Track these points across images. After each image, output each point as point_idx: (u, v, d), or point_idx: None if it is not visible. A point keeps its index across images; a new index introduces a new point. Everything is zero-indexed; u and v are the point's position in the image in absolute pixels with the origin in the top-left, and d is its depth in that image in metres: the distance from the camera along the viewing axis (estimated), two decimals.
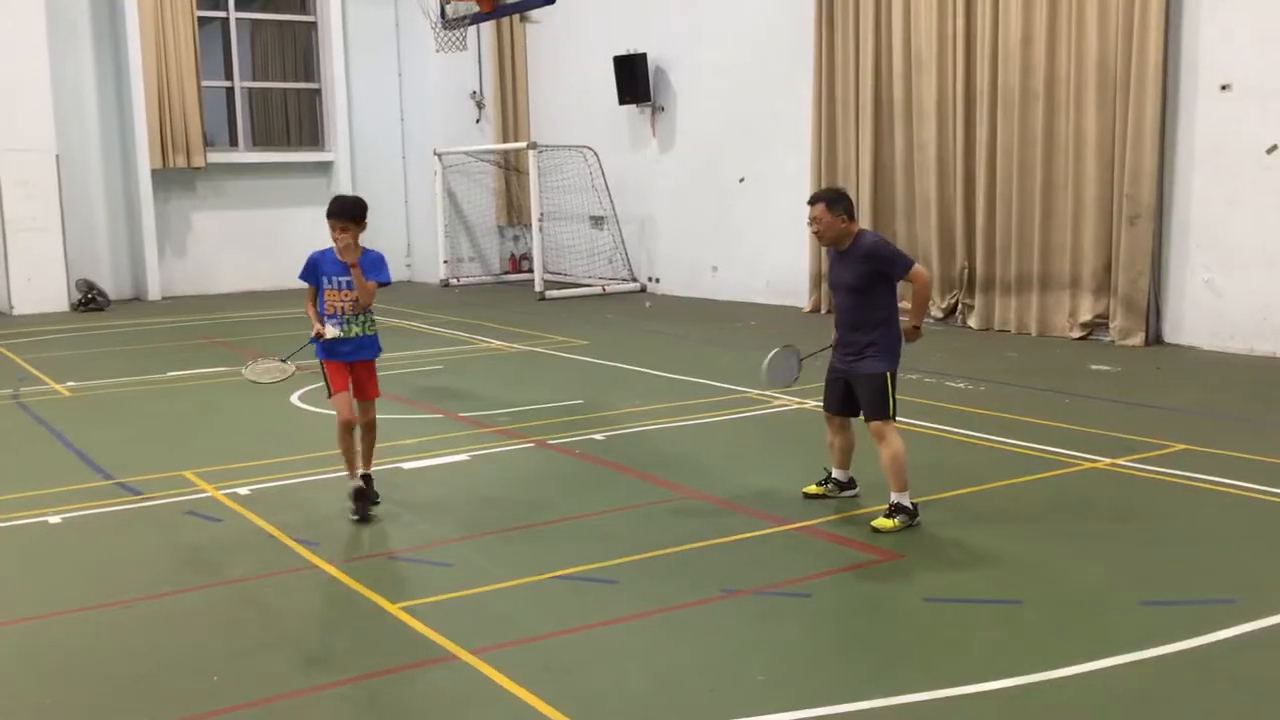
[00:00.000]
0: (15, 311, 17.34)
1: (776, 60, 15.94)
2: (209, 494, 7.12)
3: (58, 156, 17.63)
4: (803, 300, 15.62)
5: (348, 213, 6.39)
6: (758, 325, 14.45)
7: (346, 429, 6.53)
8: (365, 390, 6.63)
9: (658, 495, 7.05)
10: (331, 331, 6.45)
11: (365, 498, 6.52)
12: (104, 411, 9.98)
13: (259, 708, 4.28)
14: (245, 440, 8.73)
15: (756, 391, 9.90)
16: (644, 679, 4.47)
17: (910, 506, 6.12)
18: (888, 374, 6.13)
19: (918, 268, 6.22)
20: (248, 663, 4.69)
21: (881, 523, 6.07)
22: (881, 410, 6.14)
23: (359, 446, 6.67)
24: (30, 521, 6.64)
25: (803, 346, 6.86)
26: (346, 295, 6.44)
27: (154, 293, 18.95)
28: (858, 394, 6.22)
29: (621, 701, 4.29)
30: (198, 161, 18.99)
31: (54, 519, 6.67)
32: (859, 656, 4.72)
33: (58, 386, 11.04)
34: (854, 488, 6.66)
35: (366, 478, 6.69)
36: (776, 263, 16.16)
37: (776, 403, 9.47)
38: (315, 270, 6.55)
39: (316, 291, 6.56)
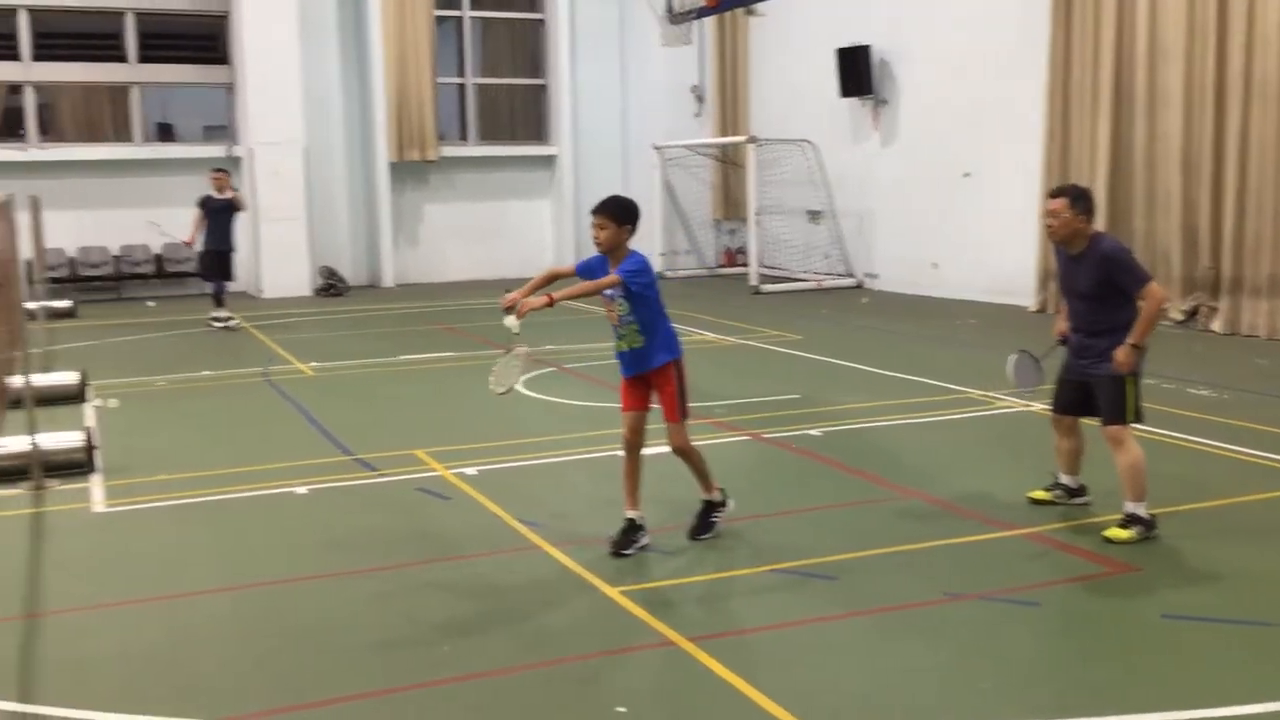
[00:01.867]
0: (264, 295, 18.55)
1: (1007, 49, 15.39)
2: (439, 473, 7.44)
3: (305, 150, 18.75)
4: (1028, 300, 15.05)
5: (604, 207, 5.79)
6: (980, 324, 14.01)
7: (625, 449, 5.92)
8: (663, 411, 5.89)
9: (876, 493, 6.95)
10: (617, 345, 5.94)
11: (630, 537, 5.83)
12: (343, 391, 10.57)
13: (484, 680, 4.46)
14: (472, 423, 9.07)
15: (978, 391, 9.62)
16: (864, 678, 4.43)
17: (1147, 518, 5.82)
18: (1128, 378, 5.83)
19: (1154, 285, 5.77)
20: (474, 636, 4.88)
21: (1115, 533, 5.79)
22: (1119, 414, 5.85)
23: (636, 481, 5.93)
24: (280, 491, 7.10)
25: (1031, 348, 6.62)
26: (611, 307, 5.86)
27: (388, 280, 19.91)
28: (1097, 396, 5.93)
29: (841, 699, 4.26)
30: (430, 155, 19.82)
31: (301, 490, 7.11)
32: (1090, 671, 4.53)
33: (302, 366, 11.76)
34: (1084, 495, 6.38)
35: (708, 504, 6.05)
36: (1002, 260, 15.62)
37: (999, 404, 9.18)
38: (589, 276, 5.91)
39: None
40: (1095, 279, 5.81)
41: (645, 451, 5.94)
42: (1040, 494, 6.45)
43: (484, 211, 20.84)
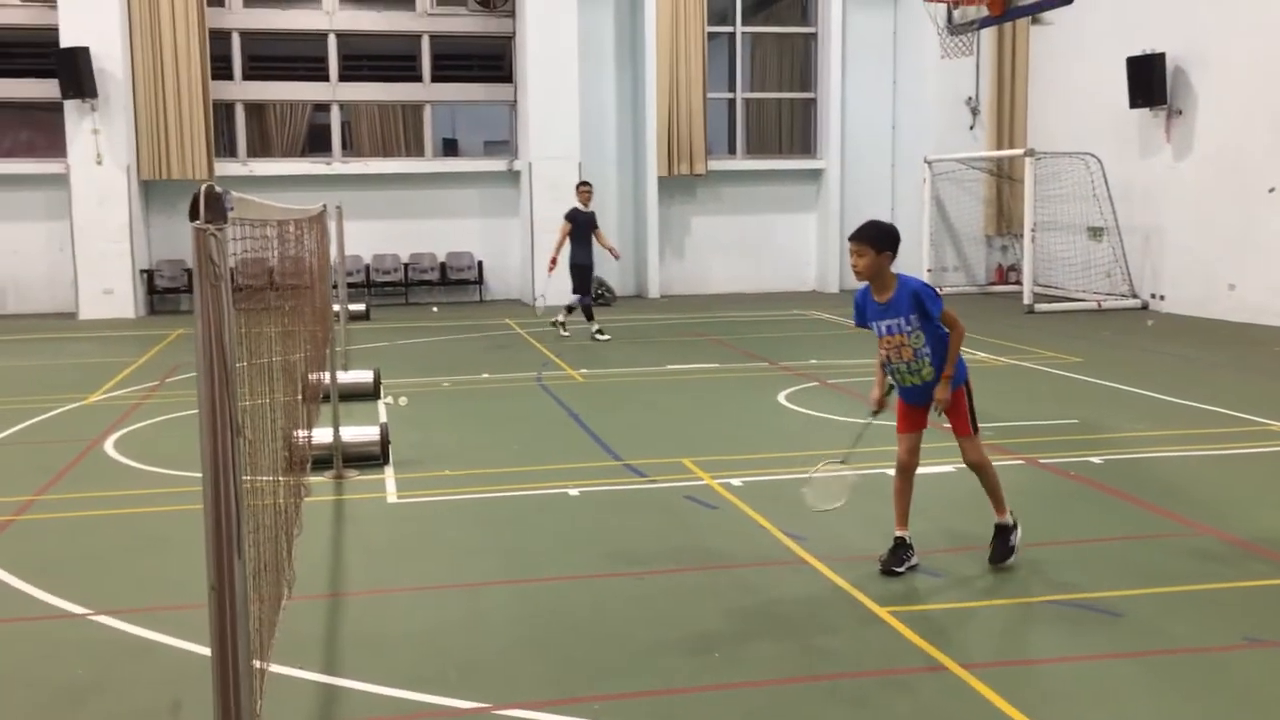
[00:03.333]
0: (538, 304, 19.34)
1: None
2: (705, 482, 7.55)
3: (580, 164, 19.44)
4: None
5: (861, 234, 5.53)
6: None
7: (898, 472, 5.80)
8: (953, 428, 5.75)
9: (1164, 527, 6.55)
10: (894, 382, 5.73)
11: (900, 555, 5.72)
12: (612, 398, 10.88)
13: (753, 689, 4.49)
14: (737, 434, 9.15)
15: (1277, 423, 8.90)
16: None
17: None
18: None
19: None
20: (744, 645, 4.93)
21: None
22: None
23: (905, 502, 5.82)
24: (553, 492, 7.39)
25: None
26: (890, 342, 5.58)
27: (654, 291, 20.36)
28: None
29: None
30: (699, 169, 20.15)
31: (573, 491, 7.38)
32: None
33: (573, 372, 12.19)
34: None
35: (1001, 529, 5.82)
36: None
37: None
38: (862, 314, 5.71)
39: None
40: None
41: (918, 471, 5.84)
42: None
43: (750, 225, 20.99)
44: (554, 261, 14.66)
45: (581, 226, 14.48)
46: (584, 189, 14.78)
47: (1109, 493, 7.27)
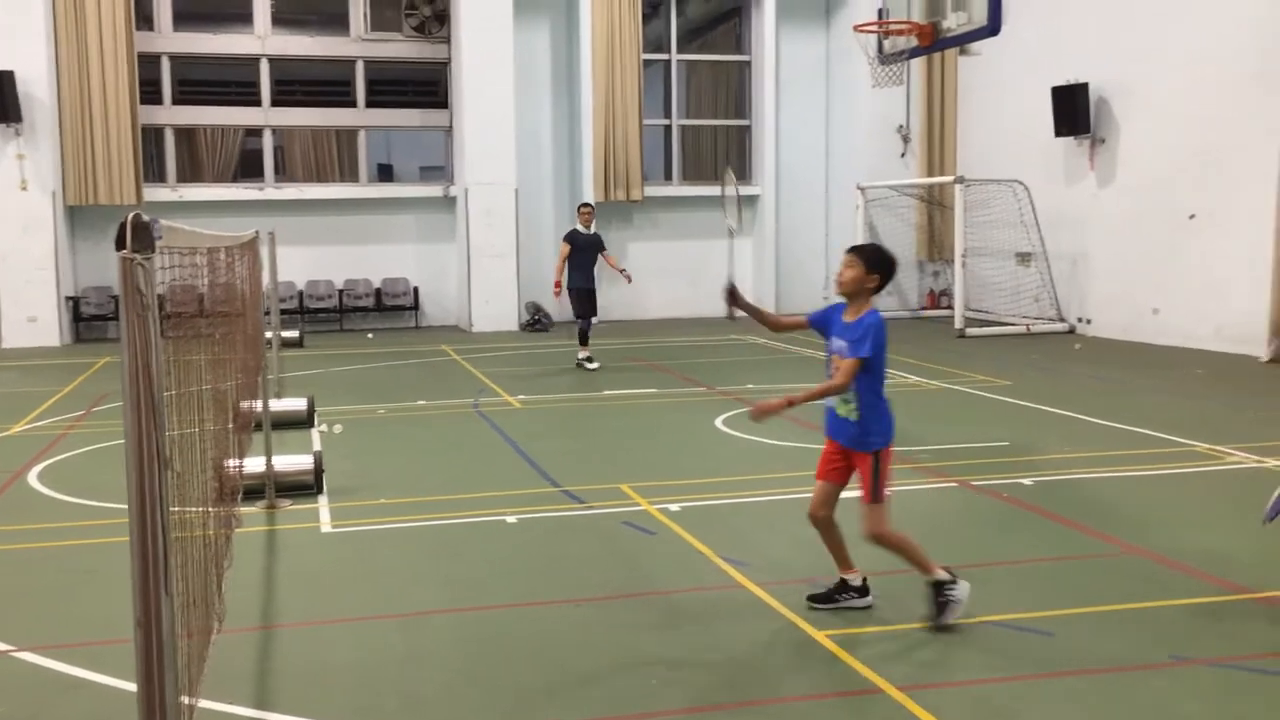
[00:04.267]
0: (474, 329, 19.26)
1: (1240, 86, 14.64)
2: (643, 507, 7.54)
3: (516, 190, 19.43)
4: (1259, 349, 14.18)
5: (860, 249, 5.47)
6: (1206, 374, 13.28)
7: (813, 523, 5.55)
8: (861, 491, 5.38)
9: (1093, 547, 6.67)
10: (829, 402, 5.44)
11: (835, 594, 5.58)
12: (550, 423, 10.85)
13: (694, 714, 4.49)
14: (675, 459, 9.17)
15: (1205, 445, 9.12)
16: None
17: None
18: None
19: None
20: (683, 671, 4.92)
21: None
22: None
23: (836, 547, 5.60)
24: (491, 519, 7.34)
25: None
26: (836, 363, 5.35)
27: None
28: None
29: None
30: (635, 195, 20.24)
31: (511, 518, 7.34)
32: None
33: (510, 399, 12.14)
34: None
35: (937, 586, 5.36)
36: (1229, 306, 14.79)
37: (1229, 459, 8.67)
38: (825, 321, 5.48)
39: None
40: None
41: (856, 493, 5.85)
42: None
43: (686, 250, 21.10)
44: (559, 285, 14.17)
45: (582, 249, 14.01)
46: (585, 211, 14.40)
47: (1040, 514, 7.39)
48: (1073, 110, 17.01)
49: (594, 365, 14.09)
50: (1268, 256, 14.09)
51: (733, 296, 5.63)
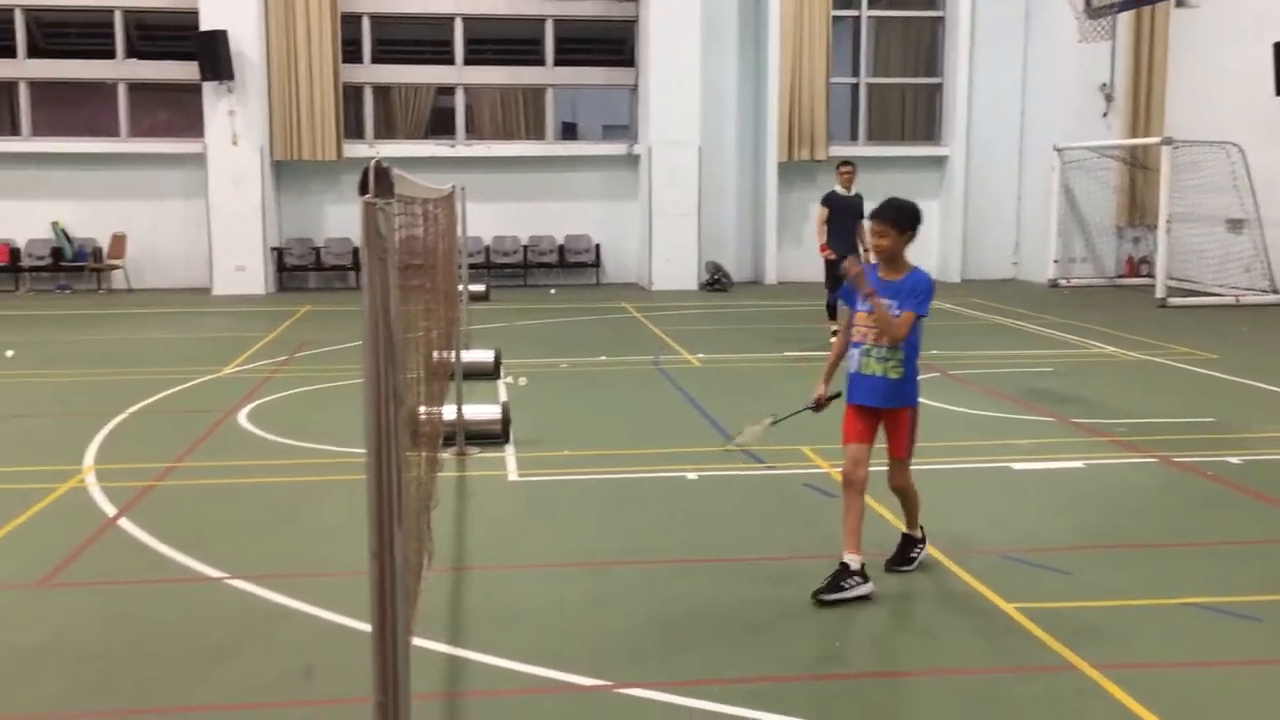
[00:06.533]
0: (654, 287, 19.39)
1: None
2: (825, 470, 7.48)
3: (700, 149, 19.40)
4: None
5: (884, 214, 5.34)
6: None
7: (846, 486, 5.41)
8: (890, 447, 5.47)
9: None
10: (853, 366, 5.45)
11: (840, 581, 5.21)
12: (729, 382, 10.85)
13: (883, 679, 4.46)
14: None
15: None
16: None
17: None
18: None
19: None
20: (869, 635, 4.88)
21: None
22: None
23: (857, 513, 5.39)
24: (673, 475, 7.41)
25: None
26: (870, 320, 5.29)
27: (770, 277, 20.23)
28: None
29: None
30: (820, 155, 19.92)
31: (691, 475, 7.39)
32: None
33: (689, 357, 12.19)
34: None
35: (909, 539, 5.64)
36: None
37: None
38: (852, 293, 5.42)
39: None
40: None
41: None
42: None
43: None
44: (824, 248, 12.72)
45: (840, 213, 12.59)
46: (845, 171, 12.84)
47: (1246, 494, 7.00)
48: None
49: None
50: None
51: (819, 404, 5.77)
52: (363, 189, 2.01)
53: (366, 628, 2.35)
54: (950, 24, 20.54)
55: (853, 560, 5.27)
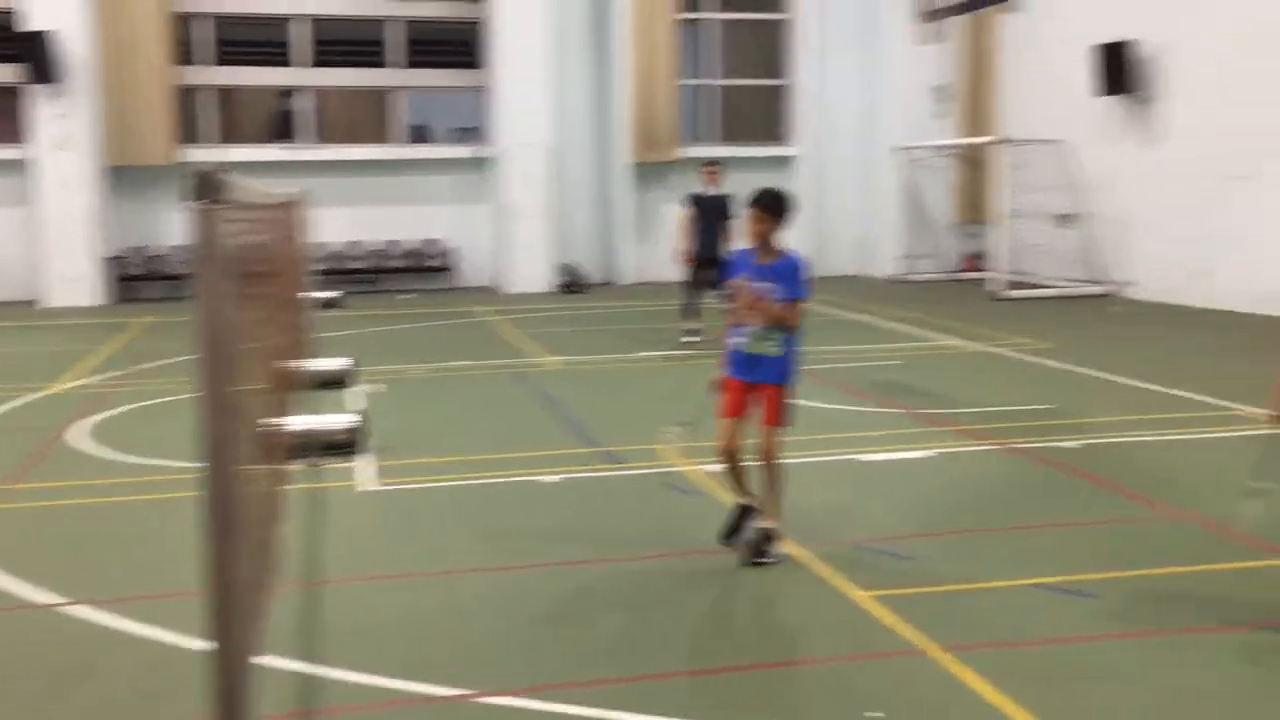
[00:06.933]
0: (509, 291, 19.27)
1: None
2: (683, 469, 7.54)
3: (551, 151, 19.36)
4: None
5: (761, 201, 5.64)
6: (1249, 337, 13.10)
7: (724, 457, 5.74)
8: (764, 414, 5.70)
9: (1137, 512, 6.62)
10: (734, 344, 5.74)
11: (738, 530, 5.74)
12: (587, 384, 10.86)
13: (737, 674, 4.50)
14: (713, 420, 9.13)
15: (1248, 408, 9.00)
16: (1132, 704, 4.22)
17: None
18: None
19: None
20: (726, 630, 4.95)
21: None
22: None
23: (743, 479, 5.82)
24: (530, 479, 7.37)
25: None
26: (760, 306, 5.62)
27: (625, 277, 20.32)
28: None
29: None
30: (671, 155, 20.11)
31: (550, 478, 7.36)
32: None
33: (547, 359, 12.15)
34: None
35: (758, 524, 5.77)
36: (1275, 269, 14.55)
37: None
38: (733, 271, 5.82)
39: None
40: None
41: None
42: None
43: None
44: (683, 253, 12.61)
45: (705, 213, 12.43)
46: (709, 170, 12.67)
47: (1083, 476, 7.33)
48: (1117, 69, 16.70)
49: (691, 339, 12.61)
50: None
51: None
52: (193, 195, 1.93)
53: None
54: (795, 26, 20.97)
55: (748, 501, 5.74)
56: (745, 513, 5.77)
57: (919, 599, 5.26)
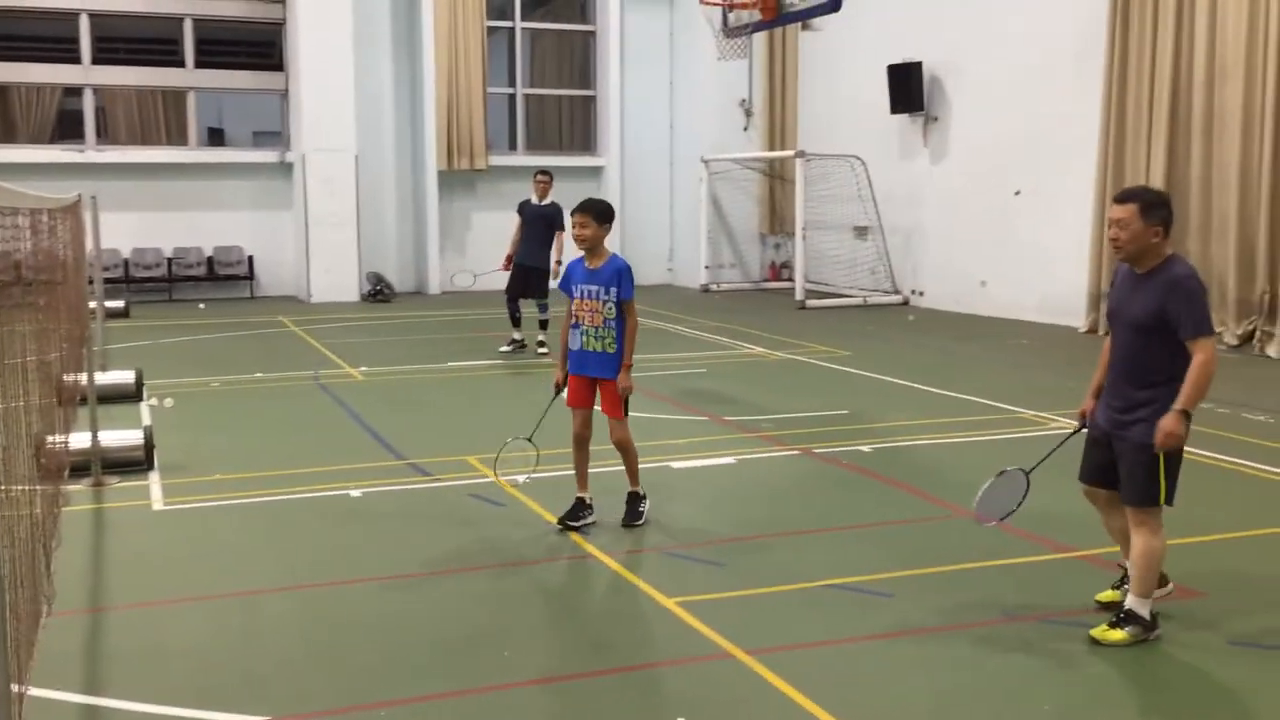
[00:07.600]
0: (313, 300, 18.72)
1: (1063, 67, 15.30)
2: (491, 479, 7.46)
3: (356, 157, 18.93)
4: (1079, 320, 14.92)
5: (588, 208, 6.25)
6: (1031, 344, 13.91)
7: (575, 444, 6.43)
8: (609, 409, 6.38)
9: (929, 511, 6.92)
10: (575, 344, 6.32)
11: (577, 514, 6.40)
12: (393, 396, 10.64)
13: (545, 685, 4.48)
14: (520, 430, 9.07)
15: (1031, 412, 9.55)
16: (926, 696, 4.40)
17: (1148, 618, 4.82)
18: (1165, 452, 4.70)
19: (1211, 342, 4.64)
20: (534, 642, 4.91)
21: (1106, 634, 4.78)
22: (1145, 495, 4.76)
23: (585, 471, 6.53)
24: (334, 494, 7.16)
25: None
26: (586, 305, 6.24)
27: (434, 287, 20.03)
28: (1119, 466, 4.89)
29: (904, 716, 4.24)
30: (480, 164, 19.96)
31: (355, 492, 7.17)
32: (1155, 696, 4.48)
33: (351, 371, 11.86)
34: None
35: (634, 495, 6.51)
36: (1053, 280, 15.51)
37: (1053, 425, 9.09)
38: (569, 279, 6.37)
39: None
40: (1151, 308, 4.70)
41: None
42: (1109, 595, 5.21)
43: None
44: (507, 260, 12.93)
45: (529, 222, 12.62)
46: (540, 179, 12.80)
47: (878, 479, 7.62)
48: (907, 88, 17.50)
49: (507, 349, 12.83)
50: (1088, 231, 14.82)
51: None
52: None
53: None
54: (601, 38, 21.15)
55: (585, 496, 6.43)
56: (579, 505, 6.41)
57: (725, 603, 5.35)
